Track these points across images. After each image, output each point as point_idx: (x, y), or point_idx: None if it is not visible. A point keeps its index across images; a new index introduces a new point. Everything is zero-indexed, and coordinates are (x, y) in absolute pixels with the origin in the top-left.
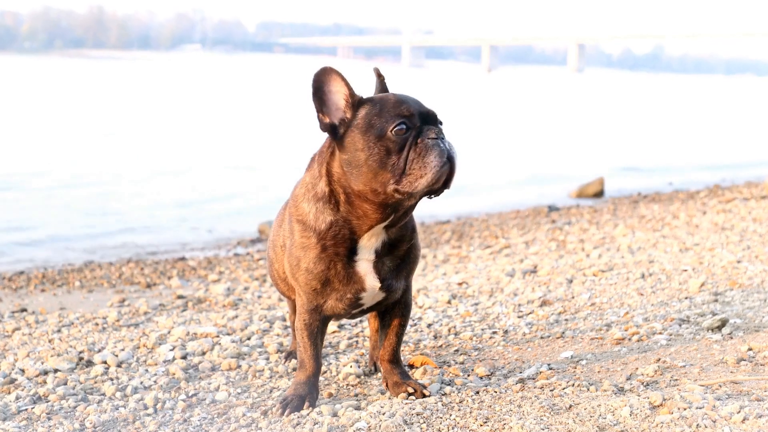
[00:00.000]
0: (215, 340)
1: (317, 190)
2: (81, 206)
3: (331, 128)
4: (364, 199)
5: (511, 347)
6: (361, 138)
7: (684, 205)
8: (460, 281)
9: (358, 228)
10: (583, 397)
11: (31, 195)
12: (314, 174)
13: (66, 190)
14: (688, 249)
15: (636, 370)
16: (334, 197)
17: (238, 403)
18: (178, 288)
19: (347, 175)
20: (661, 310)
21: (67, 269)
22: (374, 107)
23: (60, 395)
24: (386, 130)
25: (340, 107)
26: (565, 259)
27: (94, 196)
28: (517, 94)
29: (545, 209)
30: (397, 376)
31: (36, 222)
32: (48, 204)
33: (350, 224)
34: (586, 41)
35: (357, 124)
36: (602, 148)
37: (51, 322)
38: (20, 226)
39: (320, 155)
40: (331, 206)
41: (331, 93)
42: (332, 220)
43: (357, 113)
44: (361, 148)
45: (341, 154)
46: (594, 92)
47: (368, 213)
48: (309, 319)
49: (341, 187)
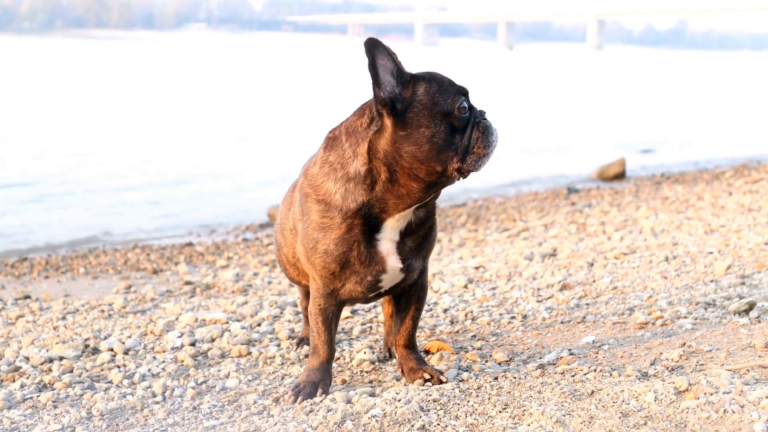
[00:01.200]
0: (224, 326)
1: (348, 170)
2: (82, 188)
3: (391, 102)
4: (413, 177)
5: (530, 332)
6: (427, 114)
7: (709, 185)
8: (476, 265)
9: (392, 208)
10: (605, 383)
11: (33, 179)
12: (343, 153)
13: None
14: (713, 231)
15: (660, 354)
16: (372, 177)
17: (249, 391)
18: (185, 274)
19: (400, 152)
20: (685, 294)
21: (72, 255)
22: (431, 84)
23: (66, 383)
24: (453, 107)
25: (391, 82)
26: (585, 242)
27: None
28: (535, 73)
29: (564, 191)
30: (413, 362)
31: (39, 206)
32: (48, 188)
33: (384, 204)
34: (606, 17)
35: (419, 100)
36: (623, 128)
37: (55, 309)
38: (24, 210)
39: (352, 134)
40: (365, 186)
41: (381, 66)
42: (363, 201)
43: (416, 89)
44: (426, 124)
45: (397, 131)
46: (614, 70)
47: (412, 192)
48: (324, 304)
49: (386, 165)
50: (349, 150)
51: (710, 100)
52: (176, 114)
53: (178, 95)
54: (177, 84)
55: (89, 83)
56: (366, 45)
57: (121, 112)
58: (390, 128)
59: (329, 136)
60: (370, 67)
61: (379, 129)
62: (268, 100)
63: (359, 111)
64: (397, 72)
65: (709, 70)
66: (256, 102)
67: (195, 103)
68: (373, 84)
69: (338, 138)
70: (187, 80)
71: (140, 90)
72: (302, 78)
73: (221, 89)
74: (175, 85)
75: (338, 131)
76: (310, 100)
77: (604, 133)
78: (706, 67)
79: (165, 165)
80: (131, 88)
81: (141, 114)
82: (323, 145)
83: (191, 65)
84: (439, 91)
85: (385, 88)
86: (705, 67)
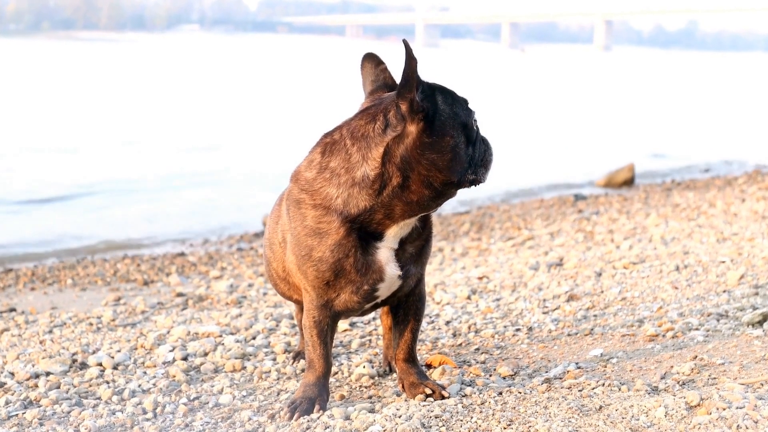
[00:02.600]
0: (218, 339)
1: (355, 174)
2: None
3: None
4: (427, 185)
5: (536, 345)
6: (452, 124)
7: (721, 192)
8: (480, 275)
9: (399, 215)
10: (614, 398)
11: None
12: (349, 158)
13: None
14: (725, 239)
15: (671, 368)
16: (381, 181)
17: (244, 407)
18: (177, 285)
19: (421, 160)
20: (697, 305)
21: (59, 266)
22: (446, 95)
23: (53, 399)
24: (470, 119)
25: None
26: (593, 251)
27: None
28: (541, 75)
29: (571, 198)
30: (414, 377)
31: (23, 215)
32: (35, 196)
33: (390, 210)
34: (613, 17)
35: (443, 110)
36: (631, 133)
37: (42, 322)
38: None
39: (362, 138)
40: (371, 191)
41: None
42: (366, 206)
43: (436, 99)
44: (451, 134)
45: (424, 137)
46: (623, 72)
47: (422, 199)
48: (318, 316)
49: (400, 170)
50: (357, 154)
51: (722, 103)
52: (166, 118)
53: (169, 98)
54: (168, 87)
55: (76, 86)
56: (406, 45)
57: (109, 116)
58: (414, 134)
59: (326, 141)
60: (408, 71)
61: (400, 135)
62: (263, 103)
63: (367, 116)
64: (418, 80)
65: (720, 71)
66: (251, 105)
67: (186, 107)
68: (404, 88)
69: (339, 142)
70: (179, 83)
71: (129, 93)
72: (299, 81)
73: (214, 92)
74: (166, 87)
75: (338, 135)
76: (306, 103)
77: (613, 137)
78: (718, 69)
79: (155, 171)
80: (120, 92)
81: (130, 118)
82: (319, 150)
83: (183, 67)
84: (454, 102)
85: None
86: (716, 69)
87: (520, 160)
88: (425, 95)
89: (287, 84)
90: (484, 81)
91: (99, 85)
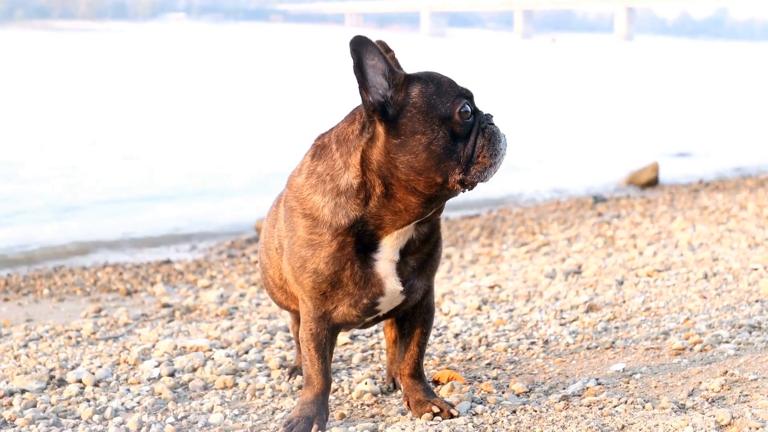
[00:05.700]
0: (207, 354)
1: (339, 182)
2: (45, 199)
3: (381, 107)
4: (411, 190)
5: (552, 359)
6: (422, 120)
7: (753, 193)
8: (491, 284)
9: (389, 224)
10: (637, 416)
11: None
12: (333, 164)
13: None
14: (758, 245)
15: (699, 384)
16: (366, 190)
17: (236, 427)
18: (163, 295)
19: (395, 163)
20: (727, 316)
21: (34, 275)
22: (428, 85)
23: (28, 419)
24: (453, 111)
25: (383, 84)
26: (614, 258)
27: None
28: (557, 66)
29: (590, 200)
30: (421, 394)
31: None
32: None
33: (379, 220)
34: (636, 4)
35: (413, 103)
36: (656, 129)
37: (16, 335)
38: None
39: (343, 142)
40: (358, 201)
41: (370, 67)
42: (356, 216)
43: (409, 91)
44: (422, 131)
45: (391, 139)
46: (646, 63)
47: (410, 207)
48: (316, 329)
49: (380, 177)
50: (339, 160)
51: (753, 96)
52: (149, 114)
53: (152, 93)
54: (151, 80)
55: (52, 79)
56: (351, 44)
57: (87, 111)
58: (382, 136)
59: (317, 144)
60: (356, 69)
61: (372, 137)
62: (255, 98)
63: (350, 116)
64: (389, 72)
65: (751, 62)
66: (241, 100)
67: (171, 102)
68: (360, 87)
69: (327, 146)
70: (163, 76)
71: (109, 87)
72: (293, 73)
73: (201, 86)
74: (149, 81)
75: (327, 138)
76: (302, 98)
77: (635, 134)
78: (749, 60)
79: (137, 173)
80: (99, 86)
81: (110, 114)
82: (310, 153)
83: (168, 59)
84: (436, 92)
85: (376, 92)
86: (747, 60)
87: (536, 158)
88: (397, 88)
89: (282, 78)
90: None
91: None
